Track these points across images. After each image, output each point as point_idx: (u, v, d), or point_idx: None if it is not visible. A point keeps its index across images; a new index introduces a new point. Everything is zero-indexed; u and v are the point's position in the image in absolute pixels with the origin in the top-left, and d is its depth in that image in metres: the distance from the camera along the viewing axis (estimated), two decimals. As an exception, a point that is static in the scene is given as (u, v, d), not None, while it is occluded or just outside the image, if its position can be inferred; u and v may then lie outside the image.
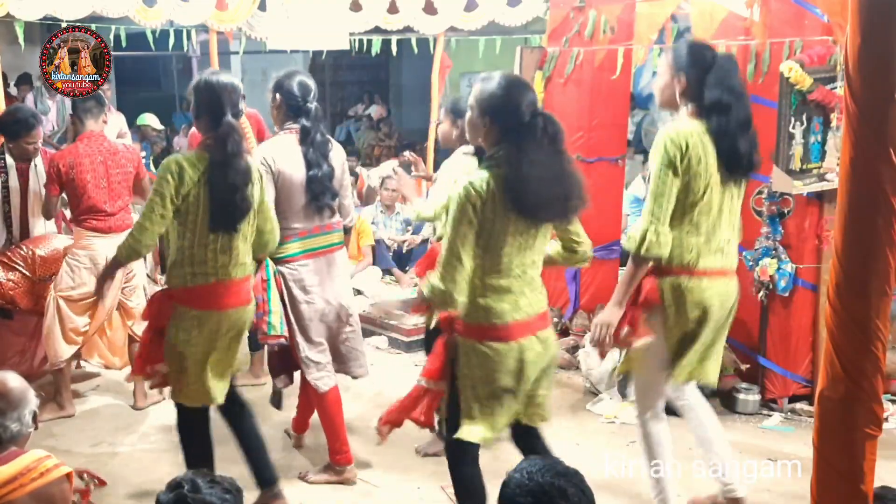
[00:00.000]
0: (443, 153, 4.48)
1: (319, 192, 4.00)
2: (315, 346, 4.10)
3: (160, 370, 3.57)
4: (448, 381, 3.09)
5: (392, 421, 3.21)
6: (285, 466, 4.28)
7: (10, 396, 2.67)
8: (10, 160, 4.99)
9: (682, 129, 3.29)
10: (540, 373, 3.10)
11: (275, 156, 3.90)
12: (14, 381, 2.73)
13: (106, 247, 4.66)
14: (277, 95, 4.03)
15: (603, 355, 3.60)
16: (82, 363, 5.45)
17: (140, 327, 4.56)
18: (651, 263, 3.34)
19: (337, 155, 4.16)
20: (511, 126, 2.92)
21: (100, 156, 4.74)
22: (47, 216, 4.98)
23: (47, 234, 5.04)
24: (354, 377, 4.39)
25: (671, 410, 3.67)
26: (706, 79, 3.31)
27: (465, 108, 4.27)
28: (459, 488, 3.20)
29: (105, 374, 5.53)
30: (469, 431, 3.05)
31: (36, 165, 5.07)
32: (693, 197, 3.29)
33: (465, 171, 4.22)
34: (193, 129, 6.46)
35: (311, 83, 4.07)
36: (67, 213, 5.16)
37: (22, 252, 4.86)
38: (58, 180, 4.73)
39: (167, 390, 3.77)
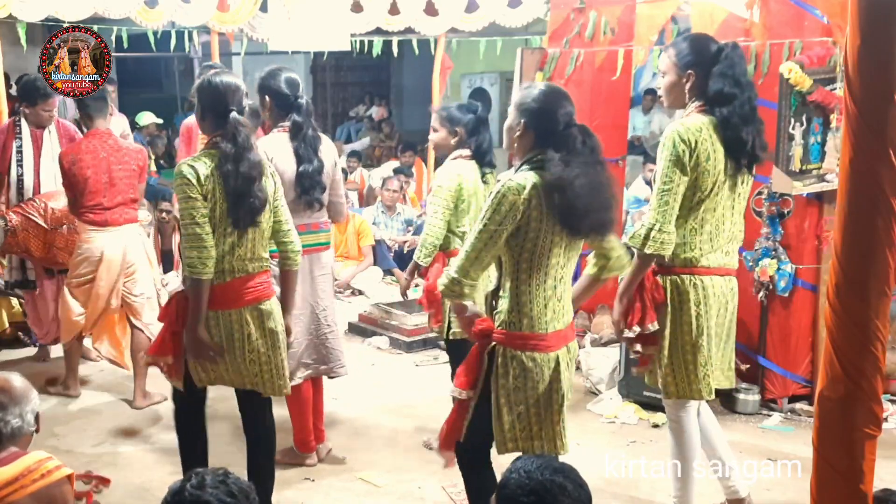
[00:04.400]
0: (444, 155, 4.48)
1: (309, 187, 4.00)
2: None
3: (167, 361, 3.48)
4: (479, 391, 2.99)
5: (451, 442, 3.10)
6: (289, 466, 4.29)
7: (12, 392, 2.71)
8: (25, 126, 5.30)
9: (690, 124, 3.24)
10: (565, 391, 2.98)
11: (269, 152, 3.87)
12: (17, 380, 2.77)
13: (103, 240, 4.88)
14: (266, 98, 4.02)
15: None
16: (93, 350, 5.48)
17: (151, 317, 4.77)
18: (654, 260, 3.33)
19: (328, 151, 4.16)
20: (543, 132, 2.89)
21: (103, 152, 4.86)
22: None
23: (59, 190, 5.18)
24: (331, 377, 4.37)
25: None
26: (712, 71, 3.27)
27: (461, 117, 4.30)
28: (472, 492, 3.14)
29: (104, 374, 5.54)
30: (502, 444, 2.97)
31: (50, 132, 5.39)
32: (700, 194, 3.26)
33: (458, 174, 4.23)
34: (186, 122, 6.48)
35: (297, 77, 4.06)
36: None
37: (35, 203, 5.21)
38: (63, 175, 4.91)
39: (168, 392, 3.74)
